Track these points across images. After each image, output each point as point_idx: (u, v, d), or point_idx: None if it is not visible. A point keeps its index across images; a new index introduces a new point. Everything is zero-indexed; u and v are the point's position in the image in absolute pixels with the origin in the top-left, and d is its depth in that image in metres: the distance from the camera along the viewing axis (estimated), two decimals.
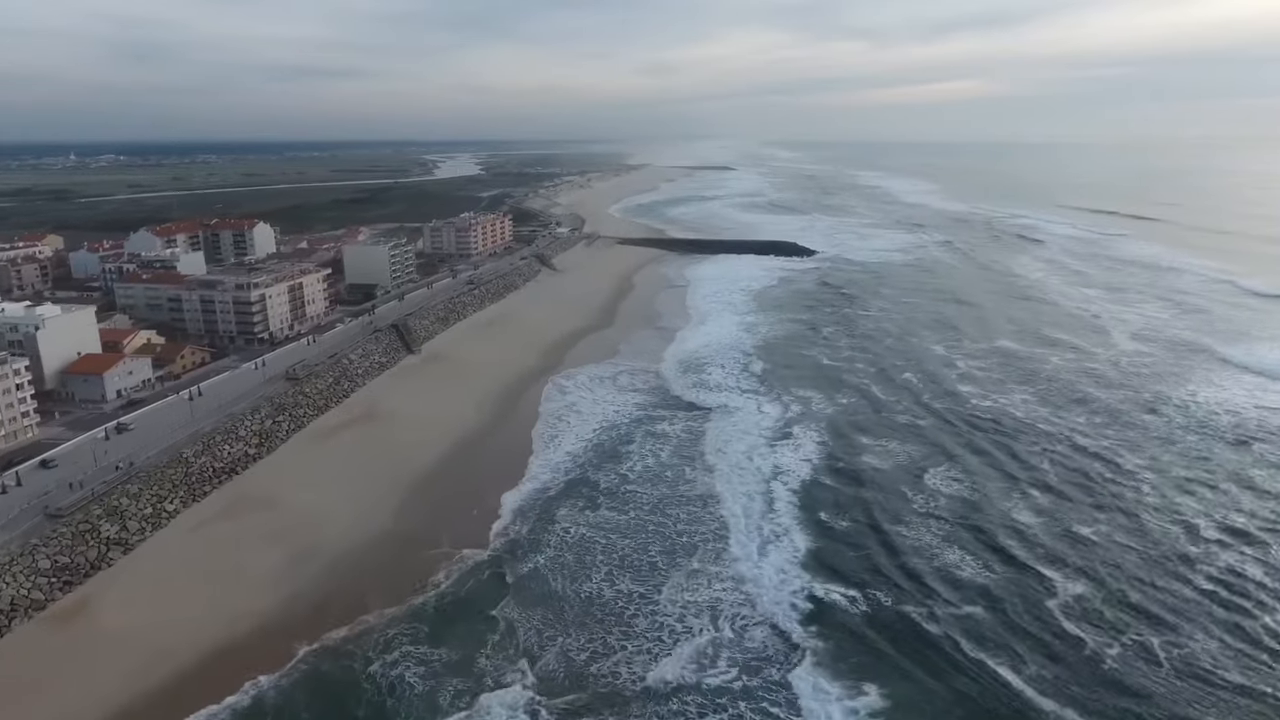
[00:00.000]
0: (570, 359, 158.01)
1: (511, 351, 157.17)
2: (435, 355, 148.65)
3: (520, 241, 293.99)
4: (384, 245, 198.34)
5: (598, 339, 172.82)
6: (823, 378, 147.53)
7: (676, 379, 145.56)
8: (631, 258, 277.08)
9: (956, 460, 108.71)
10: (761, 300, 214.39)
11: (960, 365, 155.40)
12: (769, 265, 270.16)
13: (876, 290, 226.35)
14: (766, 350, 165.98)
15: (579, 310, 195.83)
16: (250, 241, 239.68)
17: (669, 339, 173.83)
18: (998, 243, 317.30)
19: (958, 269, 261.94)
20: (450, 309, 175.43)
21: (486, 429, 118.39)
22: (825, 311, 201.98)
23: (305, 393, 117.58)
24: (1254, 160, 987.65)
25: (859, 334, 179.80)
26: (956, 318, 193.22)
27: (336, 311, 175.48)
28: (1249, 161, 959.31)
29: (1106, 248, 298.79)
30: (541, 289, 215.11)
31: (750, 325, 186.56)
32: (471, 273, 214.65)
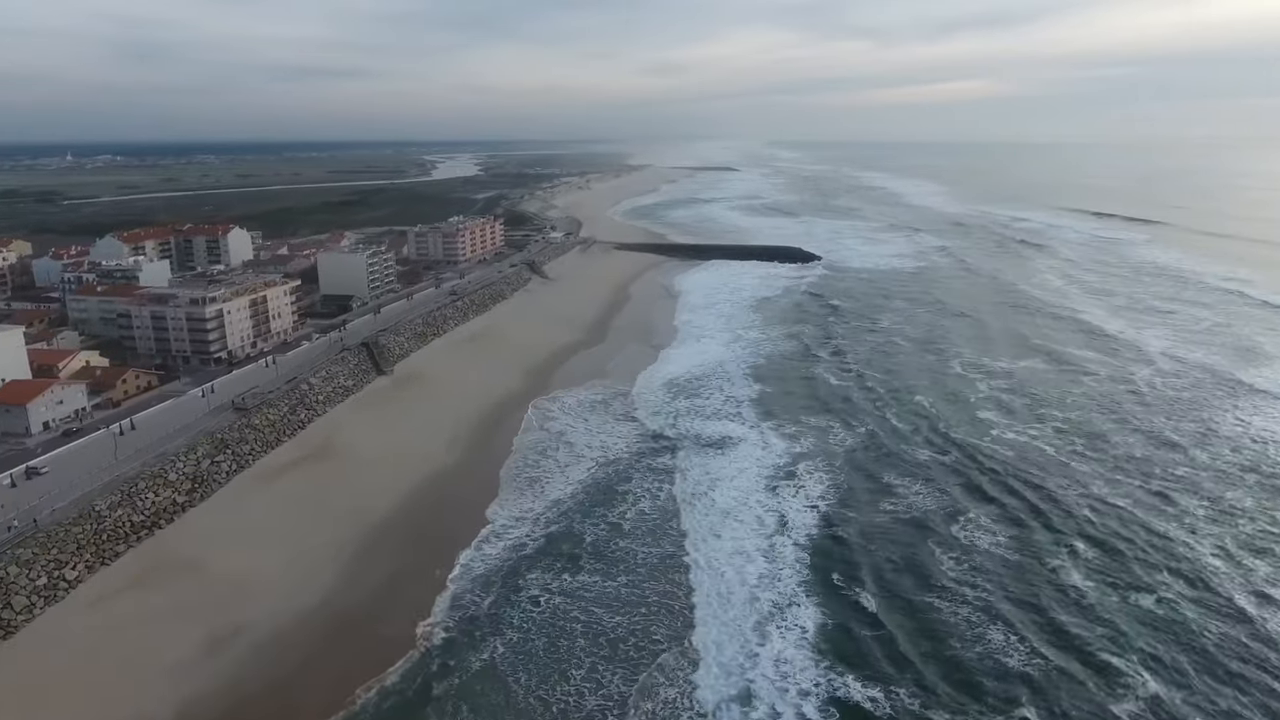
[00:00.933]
0: (557, 380, 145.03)
1: (493, 372, 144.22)
2: (408, 377, 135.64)
3: (512, 247, 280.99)
4: (361, 253, 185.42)
5: (588, 357, 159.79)
6: (830, 402, 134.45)
7: (670, 405, 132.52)
8: (629, 264, 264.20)
9: (987, 507, 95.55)
10: (764, 312, 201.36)
11: (981, 388, 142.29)
12: (772, 272, 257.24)
13: (885, 300, 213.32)
14: (769, 370, 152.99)
15: (569, 324, 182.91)
16: (225, 248, 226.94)
17: (664, 358, 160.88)
18: (1008, 248, 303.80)
19: (969, 277, 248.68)
20: (429, 323, 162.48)
21: (457, 468, 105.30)
22: (831, 324, 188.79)
23: (254, 425, 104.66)
24: (1261, 160, 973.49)
25: (868, 350, 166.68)
26: (972, 332, 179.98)
27: (307, 326, 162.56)
28: (1256, 162, 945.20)
29: (1122, 254, 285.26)
30: (531, 300, 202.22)
31: (752, 341, 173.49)
32: (456, 282, 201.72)
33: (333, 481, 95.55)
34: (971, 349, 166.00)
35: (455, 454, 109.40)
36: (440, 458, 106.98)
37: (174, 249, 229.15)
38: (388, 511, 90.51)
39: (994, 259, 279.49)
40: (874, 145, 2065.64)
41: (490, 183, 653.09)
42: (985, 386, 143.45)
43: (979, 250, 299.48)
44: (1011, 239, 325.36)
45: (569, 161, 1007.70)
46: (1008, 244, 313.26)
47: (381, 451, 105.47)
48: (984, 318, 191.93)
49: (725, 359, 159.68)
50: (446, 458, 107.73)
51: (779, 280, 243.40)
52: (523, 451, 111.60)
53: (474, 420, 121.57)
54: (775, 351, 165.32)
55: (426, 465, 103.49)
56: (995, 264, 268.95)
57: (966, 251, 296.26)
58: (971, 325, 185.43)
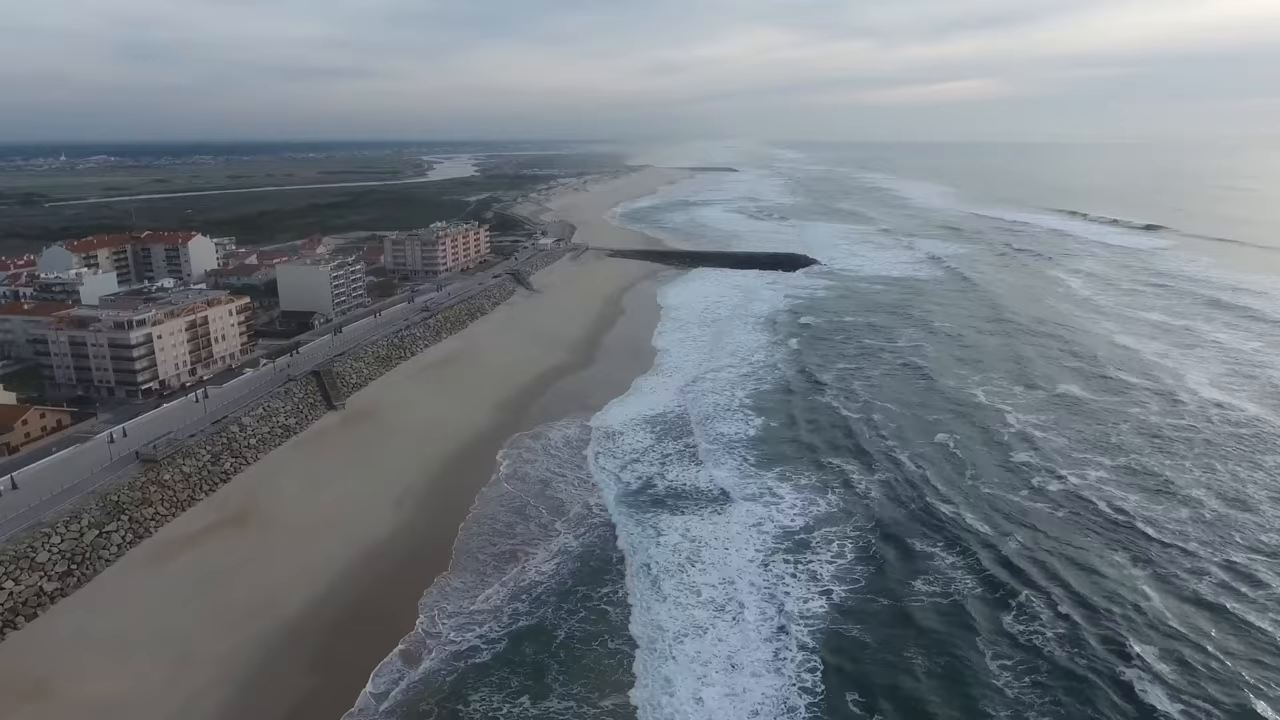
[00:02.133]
0: (536, 413, 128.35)
1: (462, 404, 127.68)
2: (362, 413, 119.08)
3: (499, 254, 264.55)
4: (325, 265, 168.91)
5: (573, 385, 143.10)
6: (840, 442, 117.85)
7: (656, 449, 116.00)
8: (623, 273, 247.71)
9: (1036, 589, 78.84)
10: (766, 327, 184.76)
11: (1012, 422, 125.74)
12: (775, 281, 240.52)
13: (899, 314, 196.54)
14: (773, 399, 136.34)
15: (554, 343, 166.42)
16: (185, 258, 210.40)
17: (659, 385, 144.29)
18: (1027, 255, 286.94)
19: (988, 287, 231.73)
20: (395, 345, 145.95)
21: (404, 535, 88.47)
22: (840, 341, 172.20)
23: (162, 481, 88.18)
24: (1269, 162, 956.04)
25: (883, 374, 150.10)
26: (997, 352, 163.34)
27: (259, 348, 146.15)
28: (1264, 163, 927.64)
29: (1147, 261, 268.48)
30: (513, 315, 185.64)
31: (754, 364, 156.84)
32: (431, 295, 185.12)
33: (246, 559, 78.84)
34: (996, 374, 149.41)
35: (405, 513, 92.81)
36: (385, 520, 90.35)
37: (131, 259, 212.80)
38: (308, 603, 73.70)
39: (1009, 268, 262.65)
40: (874, 145, 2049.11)
41: (485, 184, 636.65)
42: (1015, 420, 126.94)
43: (991, 258, 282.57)
44: (1025, 247, 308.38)
45: (567, 162, 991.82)
46: (1022, 252, 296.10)
47: (314, 513, 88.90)
48: (1006, 337, 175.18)
49: (721, 386, 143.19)
50: (394, 519, 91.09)
51: (780, 290, 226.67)
52: (488, 510, 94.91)
53: (433, 467, 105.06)
54: (775, 377, 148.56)
55: (366, 532, 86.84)
56: (1010, 274, 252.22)
57: (978, 259, 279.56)
58: (993, 345, 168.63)
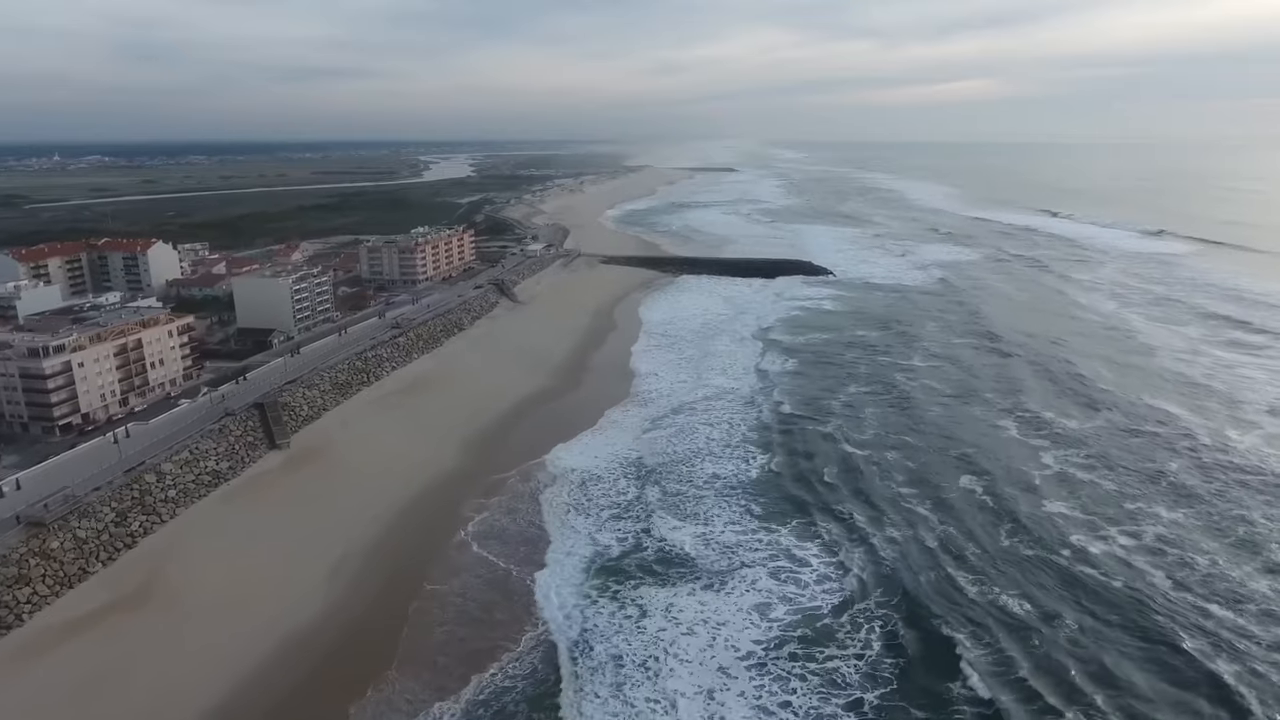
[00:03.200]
0: (510, 452, 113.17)
1: (426, 440, 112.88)
2: (309, 452, 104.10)
3: (486, 261, 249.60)
4: (286, 278, 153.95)
5: (554, 414, 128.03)
6: (849, 488, 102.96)
7: (642, 497, 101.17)
8: (616, 282, 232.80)
9: (1082, 703, 64.21)
10: (769, 343, 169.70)
11: (1048, 460, 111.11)
12: (779, 291, 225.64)
13: (911, 329, 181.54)
14: (775, 432, 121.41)
15: (536, 364, 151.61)
16: (144, 267, 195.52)
17: (649, 415, 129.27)
18: (1045, 261, 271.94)
19: (1007, 297, 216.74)
20: (356, 369, 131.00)
21: (332, 624, 73.08)
22: (847, 361, 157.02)
23: (47, 552, 73.43)
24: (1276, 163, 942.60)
25: (895, 400, 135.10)
26: (1022, 374, 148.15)
27: (206, 372, 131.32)
28: (1275, 164, 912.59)
29: (1172, 269, 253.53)
30: (494, 331, 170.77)
31: (754, 387, 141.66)
32: (405, 309, 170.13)
33: (139, 652, 63.98)
34: (1025, 400, 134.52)
35: (342, 586, 77.84)
36: (317, 596, 75.49)
37: (86, 268, 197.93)
38: (207, 715, 58.98)
39: (1023, 278, 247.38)
40: (876, 146, 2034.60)
41: (480, 185, 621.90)
42: (1052, 460, 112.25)
43: (1004, 266, 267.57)
44: (1037, 254, 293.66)
45: (565, 162, 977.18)
46: (1034, 259, 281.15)
47: (232, 587, 73.97)
48: (1030, 356, 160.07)
49: (714, 418, 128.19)
50: (328, 594, 76.23)
51: (780, 301, 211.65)
52: (449, 583, 79.93)
53: (385, 523, 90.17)
54: (772, 405, 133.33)
55: (293, 613, 71.95)
56: (1026, 284, 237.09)
57: (990, 267, 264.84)
58: (1017, 366, 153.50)
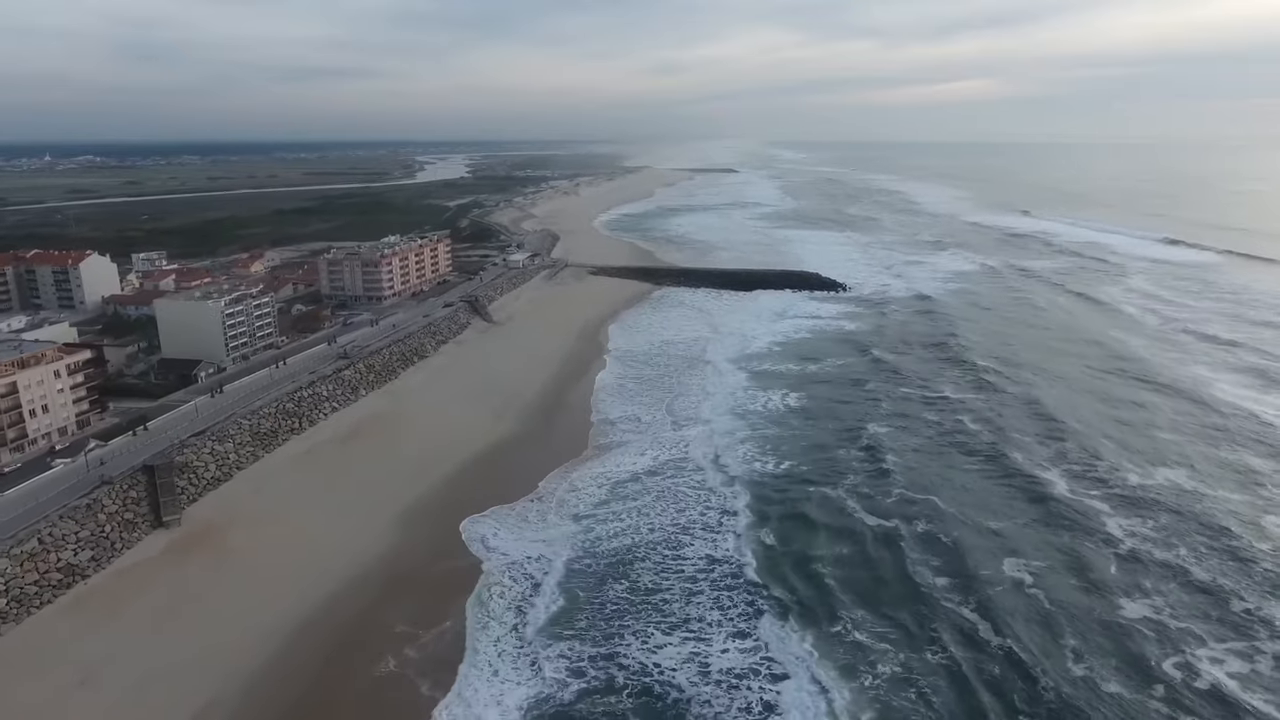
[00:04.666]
0: (447, 534, 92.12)
1: (354, 513, 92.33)
2: (203, 532, 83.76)
3: (464, 272, 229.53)
4: (216, 300, 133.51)
5: (518, 471, 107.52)
6: (874, 574, 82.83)
7: (617, 597, 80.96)
8: (605, 297, 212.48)
9: None
10: (772, 376, 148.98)
11: (1117, 534, 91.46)
12: (785, 307, 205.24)
13: (933, 353, 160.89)
14: (778, 498, 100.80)
15: (504, 402, 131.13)
16: (76, 281, 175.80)
17: (631, 471, 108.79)
18: (1069, 270, 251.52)
19: (1035, 313, 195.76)
20: (286, 413, 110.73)
21: None
22: (861, 395, 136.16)
23: None
24: None
25: (920, 449, 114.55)
26: (1062, 409, 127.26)
27: (109, 416, 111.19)
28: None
29: (1207, 279, 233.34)
30: (460, 359, 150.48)
31: (753, 438, 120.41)
32: (357, 334, 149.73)
33: None
34: (1071, 446, 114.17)
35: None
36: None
37: (13, 283, 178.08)
38: None
39: (1051, 288, 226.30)
40: (878, 146, 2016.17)
41: (472, 187, 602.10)
42: (1117, 529, 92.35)
43: (1027, 276, 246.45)
44: (1063, 264, 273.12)
45: (563, 163, 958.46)
46: (1059, 268, 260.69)
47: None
48: (1067, 385, 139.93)
49: (729, 469, 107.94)
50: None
51: (786, 322, 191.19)
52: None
53: (274, 650, 69.85)
54: (789, 462, 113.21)
55: None
56: (1055, 296, 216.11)
57: (1012, 278, 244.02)
58: (1054, 399, 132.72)
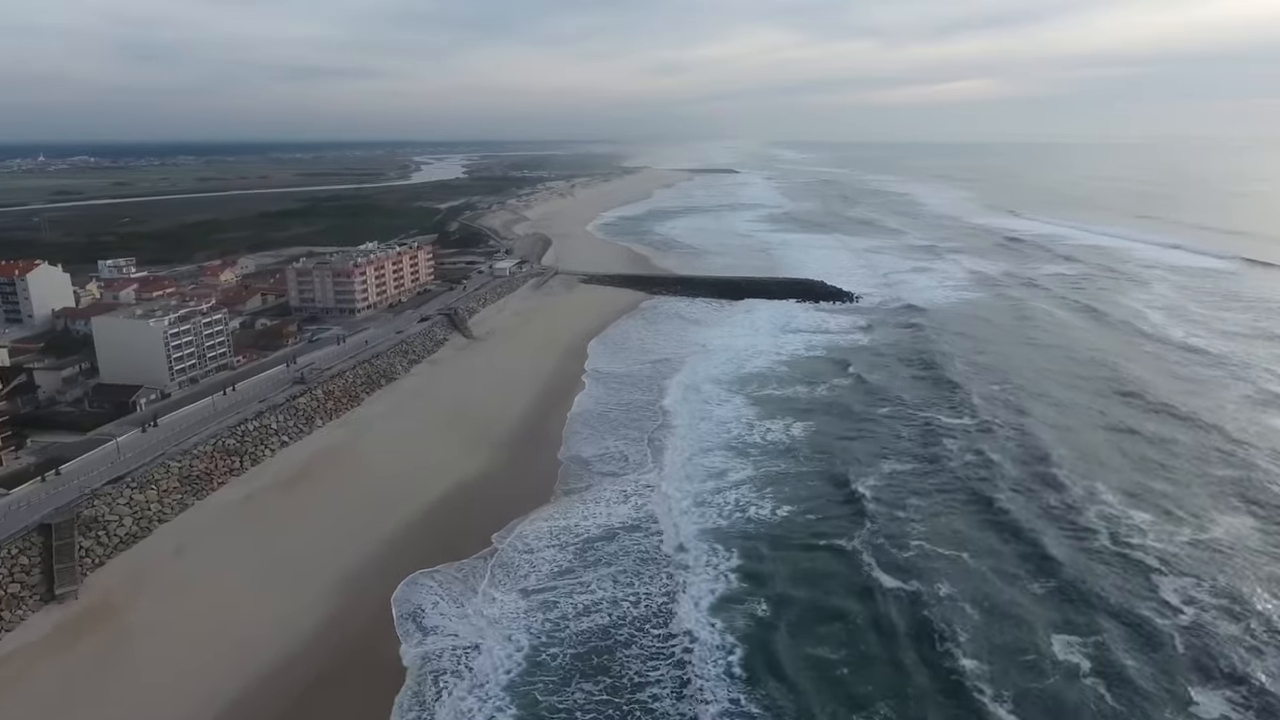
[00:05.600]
0: (399, 602, 78.87)
1: (291, 576, 78.64)
2: (108, 602, 70.15)
3: (447, 281, 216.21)
4: (159, 318, 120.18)
5: (480, 518, 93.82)
6: (881, 657, 69.35)
7: (580, 690, 67.46)
8: (596, 308, 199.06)
9: None
10: (773, 404, 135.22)
11: (1167, 596, 78.30)
12: (787, 319, 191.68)
13: (950, 380, 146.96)
14: (780, 554, 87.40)
15: (478, 431, 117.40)
16: (24, 293, 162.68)
17: (603, 525, 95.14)
18: (1083, 277, 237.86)
19: (1056, 329, 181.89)
20: (225, 450, 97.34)
21: None
22: (872, 428, 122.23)
23: None
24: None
25: (951, 486, 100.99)
26: (1100, 443, 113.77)
27: (26, 454, 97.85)
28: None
29: (1233, 288, 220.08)
30: (433, 382, 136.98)
31: (751, 480, 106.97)
32: (320, 354, 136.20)
33: None
34: (1113, 483, 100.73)
35: None
36: None
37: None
38: None
39: (1067, 298, 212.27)
40: (879, 146, 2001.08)
41: (466, 188, 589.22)
42: (1171, 591, 79.13)
43: (1039, 283, 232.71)
44: (1079, 271, 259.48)
45: (561, 163, 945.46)
46: (1076, 276, 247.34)
47: None
48: (1108, 412, 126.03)
49: (726, 520, 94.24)
50: None
51: (788, 338, 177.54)
52: None
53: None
54: (790, 510, 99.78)
55: None
56: (1074, 307, 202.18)
57: (1024, 286, 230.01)
58: (1089, 425, 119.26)
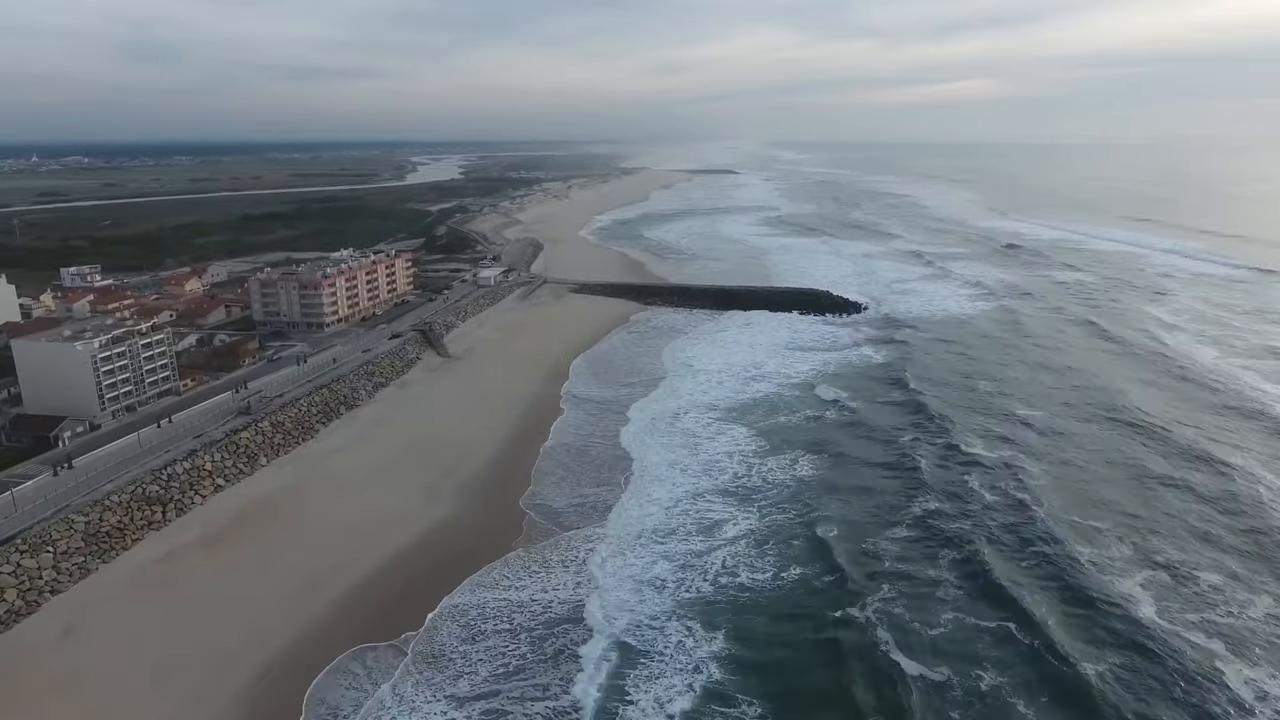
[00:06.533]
0: (312, 702, 65.63)
1: (194, 671, 65.78)
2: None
3: (427, 291, 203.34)
4: (87, 341, 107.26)
5: (429, 584, 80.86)
6: None
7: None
8: (584, 321, 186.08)
9: None
10: (778, 435, 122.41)
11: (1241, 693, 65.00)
12: (792, 335, 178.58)
13: (975, 399, 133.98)
14: (765, 642, 74.48)
15: (442, 472, 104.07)
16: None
17: (567, 603, 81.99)
18: (1103, 287, 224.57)
19: (1082, 341, 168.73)
20: (144, 499, 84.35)
21: None
22: (903, 464, 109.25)
23: None
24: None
25: (981, 535, 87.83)
26: (1137, 487, 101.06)
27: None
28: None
29: (1258, 297, 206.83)
30: (398, 409, 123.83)
31: (753, 529, 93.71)
32: (275, 376, 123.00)
33: None
34: (1164, 543, 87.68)
35: None
36: None
37: None
38: None
39: (1104, 305, 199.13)
40: (880, 146, 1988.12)
41: (461, 189, 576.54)
42: (1243, 682, 66.27)
43: (1057, 291, 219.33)
44: (1108, 271, 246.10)
45: (559, 164, 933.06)
46: (1089, 280, 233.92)
47: None
48: (1139, 456, 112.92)
49: (678, 599, 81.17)
50: None
51: (794, 359, 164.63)
52: None
53: None
54: (794, 565, 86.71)
55: None
56: (1111, 313, 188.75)
57: (1042, 294, 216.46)
58: (1127, 473, 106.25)
